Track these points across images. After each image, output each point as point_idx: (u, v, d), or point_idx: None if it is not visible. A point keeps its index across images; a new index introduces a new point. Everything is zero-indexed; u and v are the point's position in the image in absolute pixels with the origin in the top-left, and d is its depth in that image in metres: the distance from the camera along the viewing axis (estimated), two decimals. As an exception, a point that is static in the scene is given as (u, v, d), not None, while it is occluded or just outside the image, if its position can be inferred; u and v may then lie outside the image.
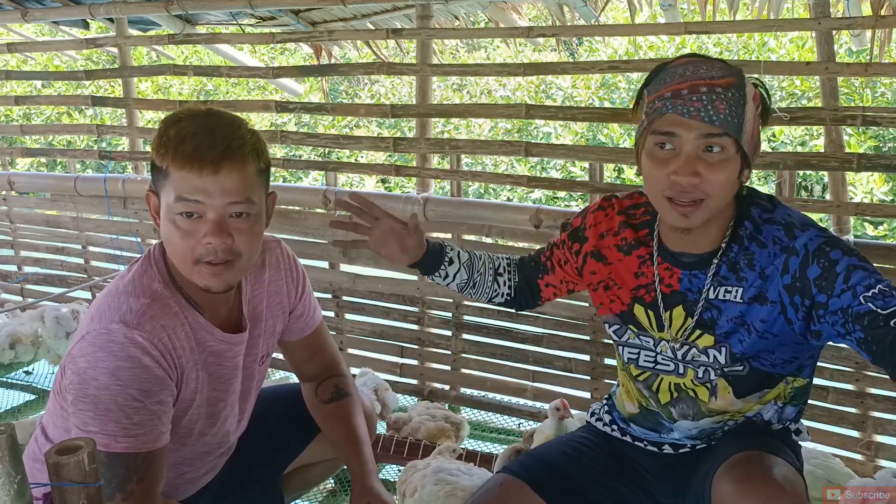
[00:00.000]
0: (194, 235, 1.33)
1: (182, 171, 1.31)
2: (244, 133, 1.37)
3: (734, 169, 1.29)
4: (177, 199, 1.32)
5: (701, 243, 1.40)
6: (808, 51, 7.55)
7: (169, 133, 1.33)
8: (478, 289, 1.71)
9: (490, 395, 3.10)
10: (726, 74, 1.27)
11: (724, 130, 1.25)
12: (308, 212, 3.28)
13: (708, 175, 1.27)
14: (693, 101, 1.25)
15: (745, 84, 1.29)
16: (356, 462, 1.63)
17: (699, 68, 1.28)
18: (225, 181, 1.32)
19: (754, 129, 1.30)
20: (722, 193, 1.30)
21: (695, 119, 1.25)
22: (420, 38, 2.95)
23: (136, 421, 1.29)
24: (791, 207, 1.40)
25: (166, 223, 1.35)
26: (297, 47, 9.40)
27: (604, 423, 1.66)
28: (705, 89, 1.25)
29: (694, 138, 1.27)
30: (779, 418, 1.48)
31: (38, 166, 9.82)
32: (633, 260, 1.50)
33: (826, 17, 2.35)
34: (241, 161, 1.34)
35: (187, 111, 1.38)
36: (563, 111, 3.13)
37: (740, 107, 1.26)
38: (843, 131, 2.44)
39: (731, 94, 1.26)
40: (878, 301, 1.17)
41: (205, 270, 1.35)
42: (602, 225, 1.55)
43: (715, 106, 1.25)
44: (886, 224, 6.65)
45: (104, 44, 3.80)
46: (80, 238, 3.97)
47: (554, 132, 8.59)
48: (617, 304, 1.53)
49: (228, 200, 1.33)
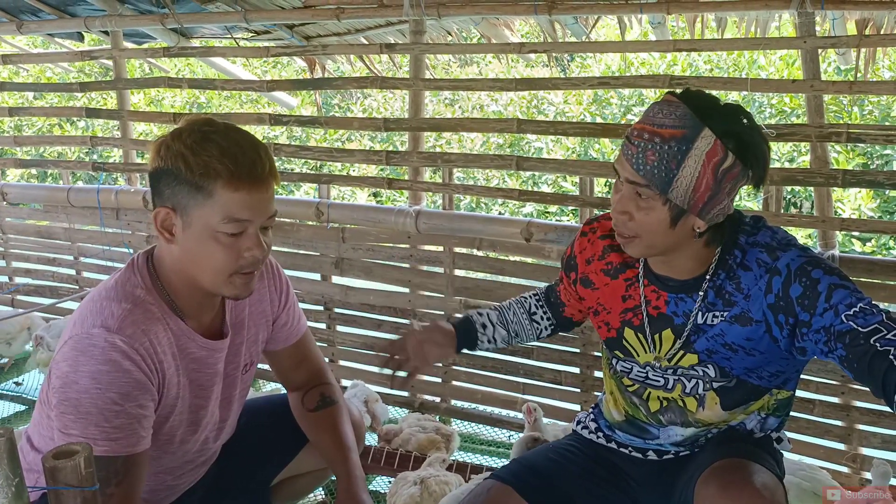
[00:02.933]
0: (236, 250, 1.36)
1: (237, 193, 1.32)
2: (265, 147, 1.41)
3: (662, 218, 1.30)
4: (226, 220, 1.33)
5: (679, 270, 1.42)
6: (797, 68, 7.63)
7: (210, 151, 1.31)
8: (522, 336, 1.75)
9: (481, 407, 3.11)
10: (677, 126, 1.25)
11: (646, 182, 1.28)
12: (300, 224, 3.30)
13: (637, 216, 1.32)
14: (633, 145, 1.29)
15: (698, 139, 1.24)
16: (342, 469, 1.65)
17: (659, 112, 1.28)
18: (267, 197, 1.37)
19: (699, 184, 1.26)
20: (652, 234, 1.33)
21: (629, 162, 1.30)
22: (413, 52, 2.98)
23: (115, 424, 1.31)
24: (776, 227, 1.43)
25: (203, 240, 1.35)
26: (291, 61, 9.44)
27: (589, 431, 1.68)
28: (647, 136, 1.27)
29: (626, 180, 1.32)
30: (761, 428, 1.51)
31: (29, 178, 9.80)
32: (619, 283, 1.52)
33: (812, 36, 2.39)
34: (277, 176, 1.39)
35: (210, 124, 1.36)
36: (554, 126, 3.16)
37: (676, 161, 1.25)
38: (831, 148, 2.47)
39: (668, 146, 1.25)
40: (859, 319, 1.20)
41: (238, 281, 1.39)
42: (587, 251, 1.58)
43: (645, 156, 1.27)
44: (875, 240, 6.70)
45: (99, 56, 3.81)
46: (72, 249, 3.97)
47: (545, 147, 8.64)
48: (603, 329, 1.56)
49: (269, 215, 1.39)
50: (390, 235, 3.08)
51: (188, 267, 1.40)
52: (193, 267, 1.39)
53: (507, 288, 2.97)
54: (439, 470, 2.27)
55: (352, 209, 3.37)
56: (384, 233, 3.09)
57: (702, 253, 1.39)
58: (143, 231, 3.67)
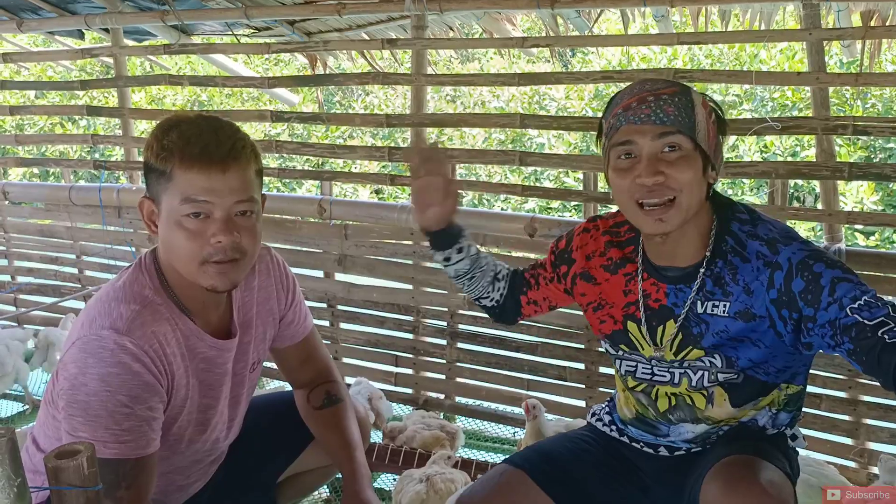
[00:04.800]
0: (202, 236, 1.35)
1: (190, 173, 1.32)
2: (243, 135, 1.41)
3: (696, 165, 1.32)
4: (184, 201, 1.33)
5: (682, 254, 1.42)
6: (797, 61, 7.61)
7: (170, 136, 1.34)
8: (473, 284, 1.71)
9: (485, 403, 3.10)
10: (670, 85, 1.35)
11: (677, 128, 1.31)
12: (303, 221, 3.29)
13: (671, 172, 1.31)
14: (643, 108, 1.32)
15: (690, 92, 1.35)
16: (348, 467, 1.64)
17: (644, 85, 1.36)
18: (231, 180, 1.34)
19: (710, 131, 1.35)
20: (689, 190, 1.32)
21: (647, 124, 1.31)
22: (415, 48, 2.97)
23: (125, 427, 1.30)
24: (773, 220, 1.42)
25: (170, 226, 1.36)
26: (293, 58, 9.43)
27: (603, 424, 1.68)
28: (652, 98, 1.32)
29: (650, 140, 1.31)
30: (773, 423, 1.50)
31: (31, 177, 9.80)
32: (619, 279, 1.52)
33: (817, 28, 2.37)
34: (245, 161, 1.37)
35: (182, 116, 1.39)
36: (557, 121, 3.14)
37: (689, 109, 1.32)
38: (834, 141, 2.46)
39: (677, 99, 1.32)
40: (865, 312, 1.19)
41: (211, 270, 1.37)
42: (588, 246, 1.57)
43: (663, 109, 1.31)
44: (878, 234, 6.69)
45: (99, 54, 3.80)
46: (74, 248, 3.96)
47: (547, 143, 8.62)
48: (608, 323, 1.55)
49: (235, 199, 1.36)
50: (393, 232, 3.07)
51: (170, 258, 1.40)
52: (172, 257, 1.39)
53: (511, 284, 2.95)
54: (444, 467, 2.26)
55: (354, 206, 3.36)
56: (387, 229, 3.08)
57: (701, 228, 1.40)
58: (144, 229, 3.66)
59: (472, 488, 1.60)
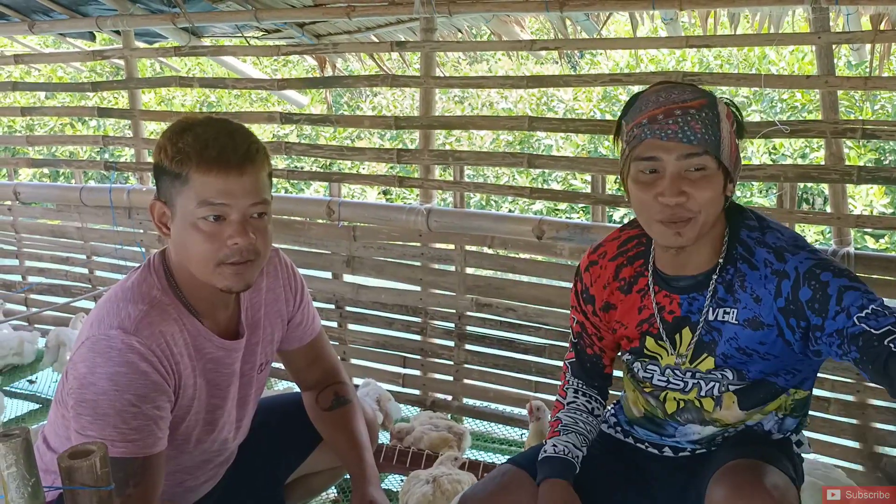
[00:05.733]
0: (218, 238, 1.35)
1: (208, 176, 1.33)
2: (255, 138, 1.42)
3: (718, 184, 1.32)
4: (201, 204, 1.34)
5: (694, 263, 1.42)
6: (807, 63, 7.58)
7: (185, 140, 1.35)
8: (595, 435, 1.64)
9: (493, 405, 3.11)
10: (698, 97, 1.31)
11: (704, 149, 1.28)
12: (311, 222, 3.30)
13: (693, 192, 1.30)
14: (669, 124, 1.29)
15: (717, 104, 1.32)
16: (357, 469, 1.65)
17: (671, 93, 1.32)
18: (247, 183, 1.36)
19: (732, 145, 1.34)
20: (709, 209, 1.32)
21: (673, 141, 1.28)
22: (424, 50, 2.98)
23: (133, 426, 1.31)
24: (782, 226, 1.42)
25: (185, 228, 1.37)
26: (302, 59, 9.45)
27: (608, 426, 1.68)
28: (679, 112, 1.29)
29: (675, 159, 1.30)
30: (779, 428, 1.50)
31: (41, 177, 9.86)
32: (634, 297, 1.51)
33: (826, 32, 2.36)
34: (260, 163, 1.39)
35: (193, 119, 1.40)
36: (565, 123, 3.15)
37: (715, 125, 1.30)
38: (843, 144, 2.45)
39: (704, 114, 1.29)
40: (872, 321, 1.19)
41: (227, 271, 1.38)
42: (602, 278, 1.56)
43: (691, 127, 1.28)
44: (888, 237, 6.66)
45: (110, 55, 3.83)
46: (84, 248, 3.98)
47: (555, 145, 8.62)
48: (624, 343, 1.56)
49: (251, 201, 1.37)
50: (401, 233, 3.08)
51: (183, 259, 1.41)
52: (186, 258, 1.40)
53: (519, 286, 2.96)
54: (451, 468, 2.26)
55: (362, 207, 3.37)
56: (395, 231, 3.08)
57: (714, 236, 1.40)
58: (154, 230, 3.67)
59: (474, 488, 1.59)
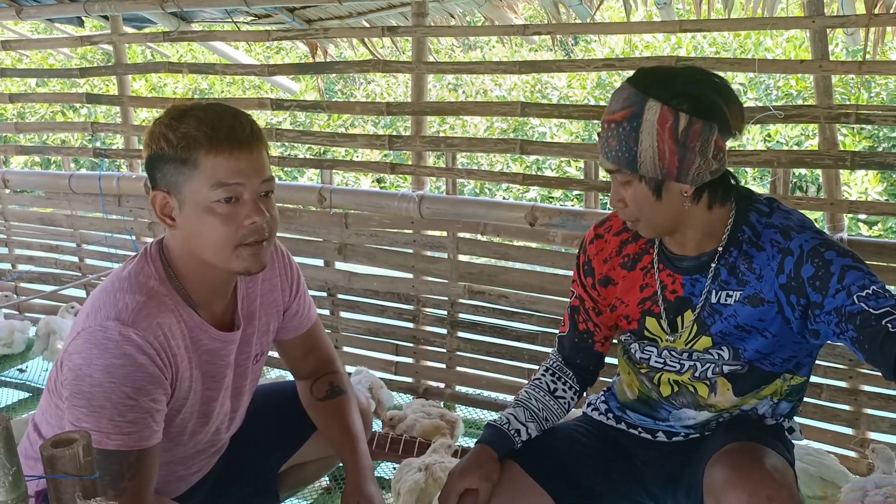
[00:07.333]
0: (234, 219, 1.34)
1: (220, 157, 1.31)
2: (252, 118, 1.40)
3: (645, 193, 1.35)
4: (215, 186, 1.32)
5: (692, 245, 1.43)
6: (804, 49, 7.57)
7: (188, 124, 1.32)
8: (552, 420, 1.61)
9: (485, 392, 3.10)
10: (625, 107, 1.31)
11: (617, 167, 1.35)
12: (303, 210, 3.28)
13: (627, 200, 1.38)
14: (601, 137, 1.37)
15: (643, 112, 1.29)
16: (351, 459, 1.64)
17: (613, 100, 1.35)
18: (257, 161, 1.36)
19: (661, 152, 1.30)
20: (649, 212, 1.37)
21: (602, 155, 1.38)
22: (416, 35, 2.95)
23: (129, 419, 1.30)
24: (791, 209, 1.42)
25: (198, 215, 1.34)
26: (293, 46, 9.39)
27: (599, 413, 1.67)
28: (606, 125, 1.35)
29: (606, 171, 1.40)
30: (772, 413, 1.51)
31: (32, 165, 9.79)
32: (637, 273, 1.52)
33: (820, 16, 2.35)
34: (264, 141, 1.39)
35: (189, 104, 1.37)
36: (559, 109, 3.12)
37: (632, 138, 1.31)
38: (838, 131, 2.45)
39: (622, 128, 1.32)
40: (871, 301, 1.21)
41: (245, 253, 1.36)
42: (604, 251, 1.57)
43: (609, 144, 1.34)
44: (881, 224, 6.67)
45: (99, 41, 3.78)
46: (74, 236, 3.96)
47: (549, 132, 8.59)
48: (624, 323, 1.55)
49: (262, 178, 1.37)
50: (393, 221, 3.06)
51: (194, 248, 1.38)
52: (198, 247, 1.37)
53: (512, 273, 2.94)
54: (444, 456, 2.26)
55: (355, 195, 3.35)
56: (387, 218, 3.07)
57: (709, 222, 1.40)
58: (144, 218, 3.66)
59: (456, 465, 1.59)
